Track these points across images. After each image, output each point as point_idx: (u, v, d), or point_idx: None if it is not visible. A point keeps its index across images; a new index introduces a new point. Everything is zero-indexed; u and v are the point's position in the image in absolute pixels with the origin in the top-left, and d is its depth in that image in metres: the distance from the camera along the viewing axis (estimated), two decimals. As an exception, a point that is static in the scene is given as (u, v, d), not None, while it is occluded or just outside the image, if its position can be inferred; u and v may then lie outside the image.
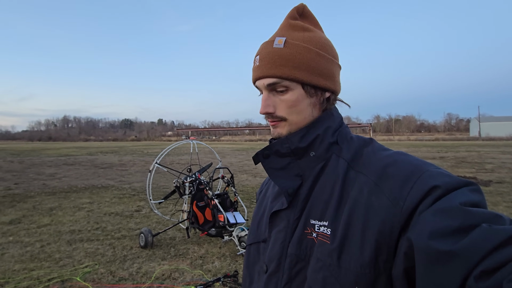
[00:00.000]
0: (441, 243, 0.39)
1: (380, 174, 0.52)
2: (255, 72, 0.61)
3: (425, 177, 0.47)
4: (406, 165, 0.51)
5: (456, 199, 0.42)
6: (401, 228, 0.46)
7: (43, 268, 3.24)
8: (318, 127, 0.60)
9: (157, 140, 73.88)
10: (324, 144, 0.60)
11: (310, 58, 0.58)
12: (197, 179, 4.24)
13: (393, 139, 56.05)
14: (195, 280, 2.95)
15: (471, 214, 0.40)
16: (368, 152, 0.57)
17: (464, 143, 37.28)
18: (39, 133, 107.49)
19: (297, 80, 0.58)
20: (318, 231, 0.54)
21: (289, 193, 0.59)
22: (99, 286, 2.81)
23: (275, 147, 0.61)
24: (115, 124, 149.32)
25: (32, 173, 11.69)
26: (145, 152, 24.38)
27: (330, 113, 0.63)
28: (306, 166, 0.60)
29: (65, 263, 3.36)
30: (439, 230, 0.40)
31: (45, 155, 22.29)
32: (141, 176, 10.81)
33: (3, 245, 3.96)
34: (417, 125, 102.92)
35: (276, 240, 0.60)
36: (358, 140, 0.61)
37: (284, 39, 0.59)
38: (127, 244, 3.98)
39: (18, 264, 3.36)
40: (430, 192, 0.45)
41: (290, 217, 0.59)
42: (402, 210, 0.46)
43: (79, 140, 75.94)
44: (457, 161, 14.27)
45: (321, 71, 0.60)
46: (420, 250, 0.40)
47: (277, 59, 0.58)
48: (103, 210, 5.83)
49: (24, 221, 5.08)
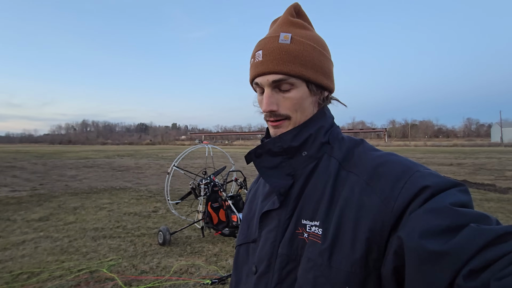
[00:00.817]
0: (431, 242, 0.39)
1: (371, 174, 0.52)
2: (258, 67, 0.59)
3: (416, 177, 0.48)
4: (397, 165, 0.52)
5: (445, 199, 0.43)
6: (391, 227, 0.46)
7: (72, 260, 3.55)
8: (311, 126, 0.60)
9: (171, 144, 75.21)
10: (316, 143, 0.60)
11: (315, 57, 0.59)
12: (212, 181, 4.47)
13: (409, 144, 54.66)
14: (210, 274, 3.16)
15: (460, 214, 0.41)
16: (359, 152, 0.58)
17: (485, 149, 35.96)
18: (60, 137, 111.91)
19: (304, 78, 0.58)
20: (309, 231, 0.54)
21: (281, 193, 0.58)
22: (124, 277, 3.07)
23: (268, 146, 0.61)
24: (131, 128, 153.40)
25: (55, 175, 12.31)
26: (160, 156, 25.02)
27: (323, 112, 0.63)
28: (298, 166, 0.60)
29: (92, 257, 3.66)
30: (430, 229, 0.40)
31: (65, 157, 23.30)
32: (156, 179, 11.19)
33: (36, 239, 4.32)
34: (434, 130, 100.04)
35: (266, 240, 0.59)
36: (349, 140, 0.62)
37: (290, 35, 0.58)
38: (147, 241, 4.25)
39: (51, 256, 3.68)
40: (420, 192, 0.46)
41: (281, 217, 0.58)
42: (393, 210, 0.46)
43: (97, 144, 78.41)
44: (475, 168, 13.89)
45: (323, 69, 0.60)
46: (411, 249, 0.41)
47: (284, 55, 0.57)
48: (123, 210, 6.15)
49: (52, 219, 5.46)
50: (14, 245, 4.08)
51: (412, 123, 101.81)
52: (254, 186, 0.77)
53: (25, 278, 3.08)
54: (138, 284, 2.93)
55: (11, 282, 2.97)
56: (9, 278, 3.06)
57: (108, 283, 2.95)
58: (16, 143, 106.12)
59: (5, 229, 4.82)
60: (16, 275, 3.14)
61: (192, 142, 78.44)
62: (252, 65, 0.61)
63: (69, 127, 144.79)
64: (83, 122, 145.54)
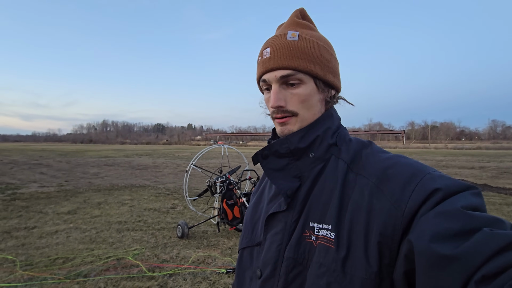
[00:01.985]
0: (442, 246, 0.38)
1: (380, 176, 0.51)
2: (266, 64, 0.59)
3: (427, 180, 0.47)
4: (407, 167, 0.51)
5: (457, 202, 0.42)
6: (403, 231, 0.45)
7: (101, 248, 3.89)
8: (318, 127, 0.60)
9: (187, 144, 76.51)
10: (323, 145, 0.60)
11: (322, 54, 0.59)
12: (227, 180, 4.71)
13: (428, 147, 52.94)
14: (225, 265, 3.40)
15: (472, 217, 0.40)
16: (367, 154, 0.57)
17: (511, 152, 34.30)
18: (82, 136, 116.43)
19: (312, 73, 0.58)
20: (318, 234, 0.53)
21: (287, 195, 0.57)
22: (147, 264, 3.36)
23: (274, 147, 0.61)
24: (149, 128, 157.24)
25: (79, 172, 12.98)
26: (176, 156, 25.66)
27: (330, 113, 0.62)
28: (305, 167, 0.60)
29: (118, 246, 3.99)
30: (440, 233, 0.39)
31: (87, 156, 24.37)
32: (173, 177, 11.59)
33: (67, 230, 4.72)
34: (456, 132, 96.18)
35: (272, 243, 0.58)
36: (357, 142, 0.61)
37: (297, 33, 0.59)
38: (166, 234, 4.54)
39: (81, 244, 4.05)
40: (431, 194, 0.45)
41: (288, 219, 0.57)
42: (404, 213, 0.45)
43: (116, 143, 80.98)
44: (498, 171, 13.40)
45: (330, 67, 0.61)
46: (421, 252, 0.40)
47: (292, 50, 0.57)
48: (143, 206, 6.51)
49: (79, 212, 5.89)
50: (49, 234, 4.49)
51: (432, 125, 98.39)
52: (258, 188, 0.75)
53: (61, 262, 3.43)
54: (160, 271, 3.20)
55: (49, 265, 3.33)
56: (48, 262, 3.43)
57: (134, 269, 3.24)
58: (42, 142, 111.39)
59: (39, 220, 5.27)
60: (53, 259, 3.51)
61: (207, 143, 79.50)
62: (260, 62, 0.61)
63: (90, 126, 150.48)
64: (103, 122, 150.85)
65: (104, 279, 2.99)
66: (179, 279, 3.02)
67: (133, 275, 3.08)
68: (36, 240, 4.22)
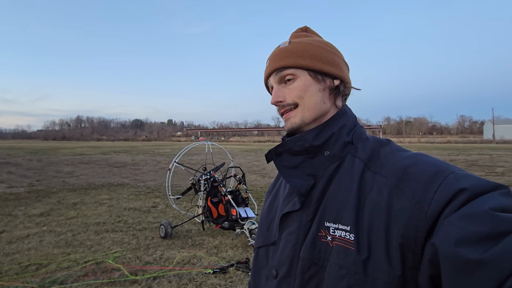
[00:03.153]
0: (468, 250, 0.36)
1: (400, 175, 0.49)
2: (266, 71, 0.66)
3: (451, 179, 0.45)
4: (428, 166, 0.48)
5: (485, 203, 0.40)
6: (426, 233, 0.44)
7: (78, 252, 3.68)
8: (333, 125, 0.60)
9: (167, 140, 74.99)
10: (339, 143, 0.59)
11: (312, 49, 0.62)
12: (212, 177, 4.62)
13: (403, 141, 55.34)
14: (211, 265, 3.33)
15: (502, 220, 0.37)
16: (386, 153, 0.55)
17: (477, 146, 36.62)
18: (54, 133, 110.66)
19: (301, 66, 0.60)
20: (334, 234, 0.51)
21: (301, 193, 0.57)
22: (129, 267, 3.21)
23: (288, 145, 0.60)
24: (126, 124, 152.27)
25: (51, 171, 12.33)
26: (156, 152, 25.03)
27: (344, 111, 0.63)
28: (319, 166, 0.59)
29: (97, 249, 3.79)
30: (467, 236, 0.37)
31: (61, 154, 23.19)
32: (154, 175, 11.29)
33: (39, 233, 4.43)
34: (429, 127, 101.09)
35: (287, 243, 0.57)
36: (375, 140, 0.60)
37: (289, 40, 0.66)
38: (149, 235, 4.39)
39: (56, 249, 3.81)
40: (456, 195, 0.43)
41: (302, 219, 0.56)
42: (427, 215, 0.44)
43: (92, 140, 77.86)
44: (467, 164, 14.23)
45: (324, 58, 0.62)
46: (446, 257, 0.38)
47: (283, 53, 0.62)
48: (122, 206, 6.27)
49: (53, 214, 5.56)
50: (19, 238, 4.19)
51: (407, 120, 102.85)
52: (274, 187, 0.74)
53: (33, 269, 3.20)
54: (143, 274, 3.07)
55: (20, 273, 3.10)
56: (19, 269, 3.18)
57: (115, 273, 3.09)
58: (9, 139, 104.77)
59: (8, 224, 4.91)
60: (25, 266, 3.27)
61: (188, 139, 78.31)
62: (264, 72, 0.67)
63: (63, 123, 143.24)
64: (77, 118, 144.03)
65: (83, 286, 2.82)
66: (163, 282, 2.92)
67: (114, 280, 2.93)
68: (5, 245, 3.92)
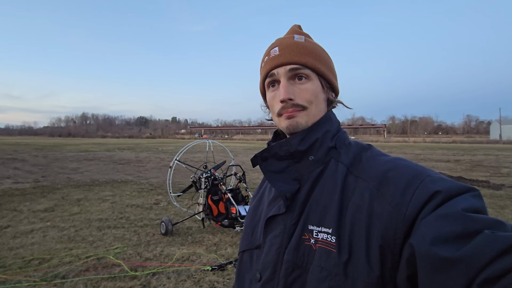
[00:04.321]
0: (443, 249, 0.38)
1: (380, 179, 0.51)
2: (275, 60, 0.61)
3: (427, 182, 0.47)
4: (407, 170, 0.51)
5: (458, 204, 0.42)
6: (404, 234, 0.45)
7: (80, 248, 3.75)
8: (317, 130, 0.60)
9: (171, 137, 75.26)
10: (323, 148, 0.60)
11: (326, 57, 0.64)
12: (212, 175, 4.65)
13: (408, 140, 54.92)
14: (210, 262, 3.37)
15: (473, 220, 0.40)
16: (367, 157, 0.57)
17: (483, 146, 36.19)
18: (59, 129, 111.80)
19: (319, 71, 0.61)
20: (317, 237, 0.53)
21: (287, 197, 0.58)
22: (129, 263, 3.27)
23: (274, 150, 0.61)
24: (131, 122, 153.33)
25: (56, 167, 12.47)
26: (160, 150, 25.18)
27: (328, 116, 0.63)
28: (304, 170, 0.60)
29: (98, 245, 3.86)
30: (441, 236, 0.39)
31: (66, 150, 23.44)
32: (157, 172, 11.37)
33: (43, 228, 4.52)
34: (434, 126, 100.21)
35: (271, 246, 0.58)
36: (357, 145, 0.62)
37: (303, 37, 0.64)
38: (150, 231, 4.45)
39: (59, 244, 3.88)
40: (432, 197, 0.45)
41: (287, 222, 0.57)
42: (405, 216, 0.45)
43: (96, 137, 78.49)
44: (472, 165, 14.08)
45: (333, 70, 0.65)
46: (422, 256, 0.40)
47: (301, 48, 0.61)
48: (125, 202, 6.34)
49: (57, 210, 5.65)
50: (23, 233, 4.28)
51: (412, 119, 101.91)
52: (259, 191, 0.75)
53: (36, 263, 3.28)
54: (143, 270, 3.13)
55: (24, 267, 3.17)
56: (22, 264, 3.26)
57: (115, 268, 3.15)
58: (16, 135, 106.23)
59: (13, 219, 5.01)
60: (28, 260, 3.34)
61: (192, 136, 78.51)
62: (267, 60, 0.63)
63: (68, 119, 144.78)
64: (82, 115, 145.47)
65: (84, 280, 2.89)
66: (162, 278, 2.97)
67: (114, 275, 2.99)
68: (9, 240, 4.01)
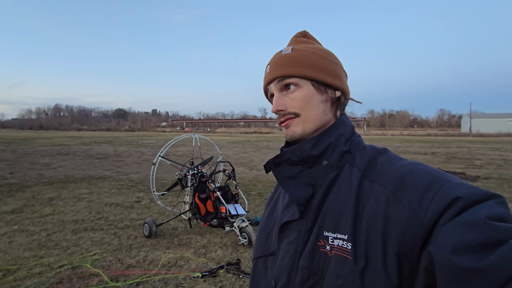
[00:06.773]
0: (464, 259, 0.37)
1: (397, 184, 0.50)
2: (266, 77, 0.64)
3: (447, 188, 0.45)
4: (425, 175, 0.49)
5: (481, 212, 0.40)
6: (422, 241, 0.44)
7: (52, 255, 3.36)
8: (330, 134, 0.60)
9: (151, 131, 73.27)
10: (336, 152, 0.59)
11: (315, 59, 0.61)
12: (199, 172, 4.37)
13: (386, 134, 56.70)
14: (200, 267, 3.12)
15: (497, 229, 0.38)
16: (383, 162, 0.56)
17: (455, 139, 38.04)
18: (30, 122, 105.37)
19: (304, 76, 0.60)
20: (333, 244, 0.52)
21: (301, 203, 0.57)
22: (109, 272, 2.95)
23: (286, 155, 0.61)
24: (108, 114, 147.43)
25: (26, 163, 11.60)
26: (140, 143, 24.29)
27: (341, 120, 0.63)
28: (318, 175, 0.59)
29: (73, 251, 3.49)
30: (462, 245, 0.38)
31: (37, 144, 22.00)
32: (137, 167, 10.87)
33: (9, 233, 4.05)
34: (410, 120, 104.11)
35: (286, 253, 0.57)
36: (372, 149, 0.61)
37: (291, 47, 0.63)
38: (131, 233, 4.11)
39: (27, 251, 3.47)
40: (452, 203, 0.43)
41: (301, 228, 0.57)
42: (423, 223, 0.44)
43: (71, 130, 74.79)
44: (447, 157, 14.66)
45: (327, 69, 0.62)
46: (442, 265, 0.39)
47: (285, 61, 0.61)
48: (103, 201, 5.92)
49: (26, 211, 5.15)
50: (-15, 240, 3.81)
51: (390, 113, 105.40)
52: (273, 197, 0.74)
53: (0, 276, 2.89)
54: (125, 279, 2.83)
55: (-16, 281, 2.78)
56: (-18, 277, 2.86)
57: (93, 279, 2.83)
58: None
59: (-26, 222, 4.49)
60: (-10, 273, 2.94)
61: (174, 129, 76.85)
62: (264, 78, 0.66)
63: (40, 111, 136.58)
64: (55, 107, 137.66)
65: (56, 294, 2.56)
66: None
67: (92, 287, 2.68)
68: (-32, 248, 3.55)
